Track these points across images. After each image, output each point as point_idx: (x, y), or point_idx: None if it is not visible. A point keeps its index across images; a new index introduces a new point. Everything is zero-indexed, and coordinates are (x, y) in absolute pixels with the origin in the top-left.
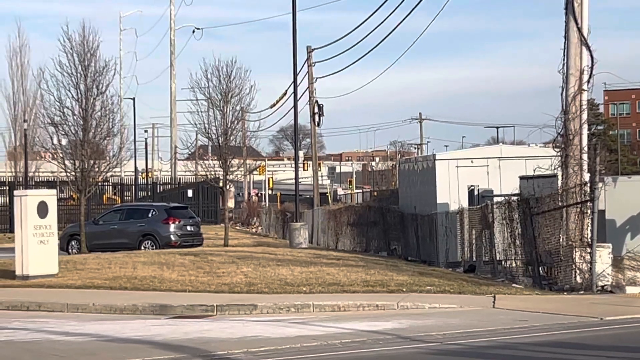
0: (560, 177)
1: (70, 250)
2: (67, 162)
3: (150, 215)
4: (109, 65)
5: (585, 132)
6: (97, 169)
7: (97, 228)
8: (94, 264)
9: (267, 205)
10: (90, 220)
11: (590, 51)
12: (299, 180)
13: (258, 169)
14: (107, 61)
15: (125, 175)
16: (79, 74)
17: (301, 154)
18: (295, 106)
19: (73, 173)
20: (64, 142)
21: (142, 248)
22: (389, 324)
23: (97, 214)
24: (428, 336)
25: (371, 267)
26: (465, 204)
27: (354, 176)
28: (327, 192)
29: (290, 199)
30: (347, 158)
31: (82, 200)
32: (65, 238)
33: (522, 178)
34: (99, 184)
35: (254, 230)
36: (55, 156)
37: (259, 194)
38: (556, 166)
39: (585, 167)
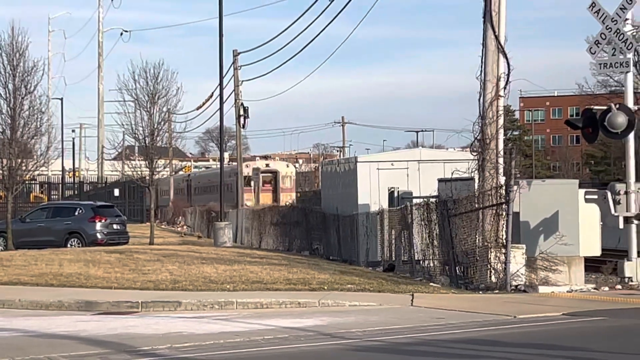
0: (477, 180)
1: None
2: None
3: (76, 213)
4: (38, 66)
5: (501, 136)
6: (24, 168)
7: (24, 226)
8: (21, 261)
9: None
10: (17, 218)
11: (507, 59)
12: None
13: (184, 169)
14: (35, 62)
15: (52, 174)
16: (7, 74)
17: (226, 155)
18: (221, 108)
19: (0, 171)
20: None
21: (69, 246)
22: (310, 321)
23: (24, 212)
24: (348, 333)
25: (294, 266)
26: (385, 205)
27: None
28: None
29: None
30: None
31: (9, 198)
32: None
33: (440, 180)
34: (26, 182)
35: (179, 229)
36: None
37: None
38: (473, 169)
39: (501, 170)
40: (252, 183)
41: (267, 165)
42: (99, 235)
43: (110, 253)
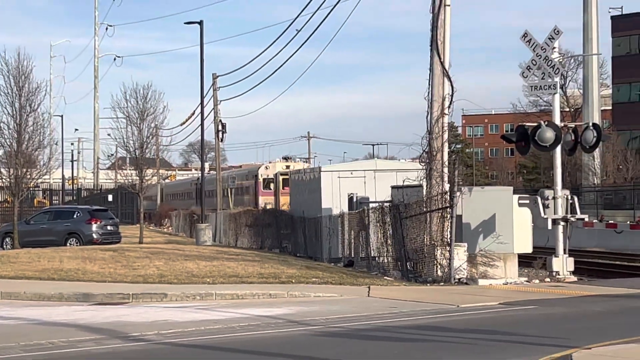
0: (425, 187)
1: (4, 247)
2: (2, 169)
3: (75, 216)
4: (41, 87)
5: (446, 149)
6: (29, 176)
7: (29, 227)
8: (26, 258)
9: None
10: (23, 221)
11: (451, 82)
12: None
13: (169, 178)
14: (39, 83)
15: (53, 182)
16: (14, 94)
17: (207, 165)
18: (202, 125)
19: (8, 179)
20: (0, 152)
21: (68, 245)
22: (280, 310)
23: (28, 215)
24: (313, 320)
25: (265, 262)
26: (345, 209)
27: None
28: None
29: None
30: None
31: (15, 203)
32: (0, 236)
33: (393, 187)
34: (31, 189)
35: (165, 230)
36: None
37: None
38: (422, 178)
39: (446, 178)
40: (272, 186)
41: (287, 167)
42: (94, 236)
43: (105, 251)
